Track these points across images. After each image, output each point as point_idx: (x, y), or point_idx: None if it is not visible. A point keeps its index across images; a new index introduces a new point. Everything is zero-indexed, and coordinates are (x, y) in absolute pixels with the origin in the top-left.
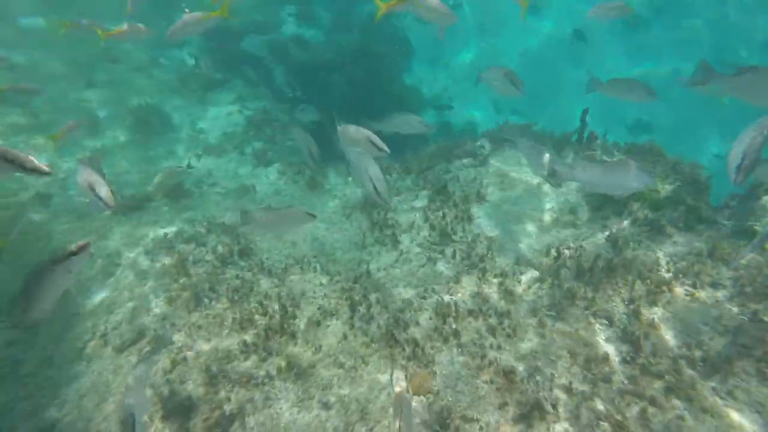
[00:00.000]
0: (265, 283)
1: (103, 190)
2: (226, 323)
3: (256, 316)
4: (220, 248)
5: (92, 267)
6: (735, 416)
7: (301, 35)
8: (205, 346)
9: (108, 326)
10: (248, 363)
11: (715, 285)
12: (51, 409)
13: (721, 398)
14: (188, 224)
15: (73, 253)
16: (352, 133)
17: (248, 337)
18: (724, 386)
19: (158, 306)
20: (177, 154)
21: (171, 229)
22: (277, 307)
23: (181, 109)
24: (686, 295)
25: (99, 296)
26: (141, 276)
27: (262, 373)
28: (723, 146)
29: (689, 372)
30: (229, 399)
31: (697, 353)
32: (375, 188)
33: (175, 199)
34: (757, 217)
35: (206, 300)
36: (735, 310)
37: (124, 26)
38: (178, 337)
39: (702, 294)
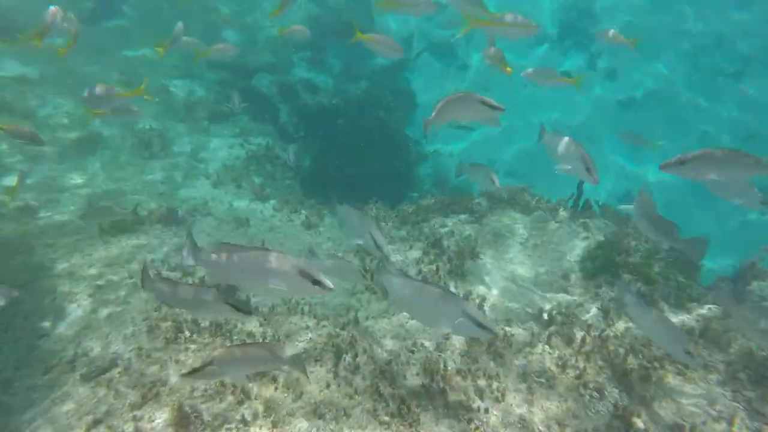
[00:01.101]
0: (250, 321)
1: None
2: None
3: None
4: (208, 279)
5: (70, 287)
6: None
7: (311, 79)
8: (180, 382)
9: (78, 351)
10: (224, 404)
11: (706, 367)
12: None
13: None
14: (177, 251)
15: None
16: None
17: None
18: None
19: (135, 334)
20: (174, 179)
21: (158, 255)
22: None
23: (183, 137)
24: (678, 374)
25: (72, 318)
26: (121, 301)
27: (238, 417)
28: (714, 227)
29: None
30: None
31: None
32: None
33: (166, 225)
34: (746, 300)
35: (187, 333)
36: (728, 395)
37: (218, 45)
38: (153, 370)
39: (694, 375)
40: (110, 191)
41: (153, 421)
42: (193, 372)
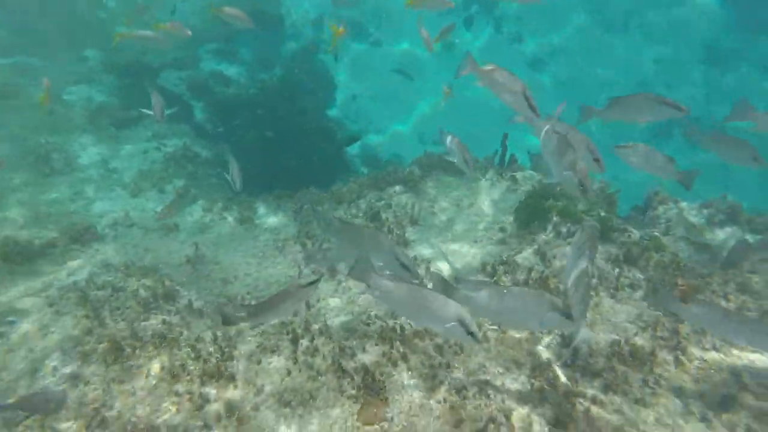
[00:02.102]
0: (196, 326)
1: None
2: (153, 373)
3: (189, 361)
4: (142, 292)
5: None
6: (662, 401)
7: (222, 72)
8: (128, 403)
9: None
10: (182, 414)
11: (632, 286)
12: None
13: (650, 387)
14: (102, 269)
15: None
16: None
17: (180, 386)
18: (651, 377)
19: (67, 363)
20: (85, 194)
21: (81, 276)
22: (212, 349)
23: (89, 148)
24: (610, 297)
25: None
26: (43, 331)
27: (199, 423)
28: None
29: (622, 368)
30: None
31: (626, 349)
32: None
33: (85, 244)
34: (655, 224)
35: (128, 350)
36: (652, 307)
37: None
38: (95, 396)
39: (623, 295)
40: (9, 218)
41: None
42: None
